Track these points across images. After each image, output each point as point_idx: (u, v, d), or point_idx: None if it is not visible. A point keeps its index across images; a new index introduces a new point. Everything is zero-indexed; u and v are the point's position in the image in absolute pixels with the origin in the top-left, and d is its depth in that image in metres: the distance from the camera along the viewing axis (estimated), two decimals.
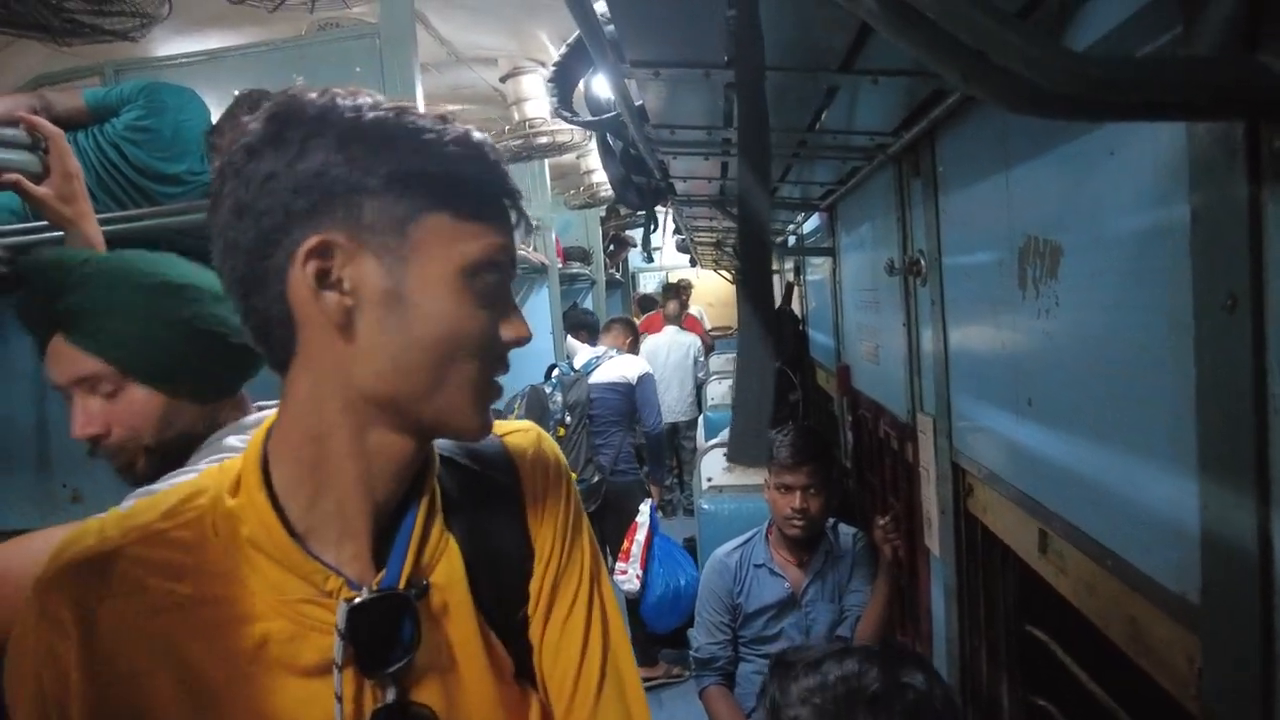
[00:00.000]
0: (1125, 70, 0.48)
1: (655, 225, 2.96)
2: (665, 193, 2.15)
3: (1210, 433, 0.61)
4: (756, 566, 2.06)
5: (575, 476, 3.24)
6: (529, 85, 3.44)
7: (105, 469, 0.94)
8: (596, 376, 3.51)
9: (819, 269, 3.05)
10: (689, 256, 6.58)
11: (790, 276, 4.23)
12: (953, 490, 1.37)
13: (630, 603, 3.29)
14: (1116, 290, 0.76)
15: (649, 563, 3.28)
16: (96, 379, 0.88)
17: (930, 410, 1.46)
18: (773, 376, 0.59)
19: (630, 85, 1.12)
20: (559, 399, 3.40)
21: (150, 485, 0.86)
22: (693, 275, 8.92)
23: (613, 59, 0.96)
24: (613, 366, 3.57)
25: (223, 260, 0.58)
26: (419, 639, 0.62)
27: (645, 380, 3.64)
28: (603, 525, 3.43)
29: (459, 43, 3.32)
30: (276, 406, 0.64)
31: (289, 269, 0.56)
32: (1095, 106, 0.51)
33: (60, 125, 1.24)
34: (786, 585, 2.02)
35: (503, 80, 3.51)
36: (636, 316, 6.88)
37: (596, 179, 4.85)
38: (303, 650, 0.60)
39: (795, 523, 1.96)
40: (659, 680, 3.50)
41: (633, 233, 7.36)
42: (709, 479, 2.91)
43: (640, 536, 3.36)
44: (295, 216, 0.55)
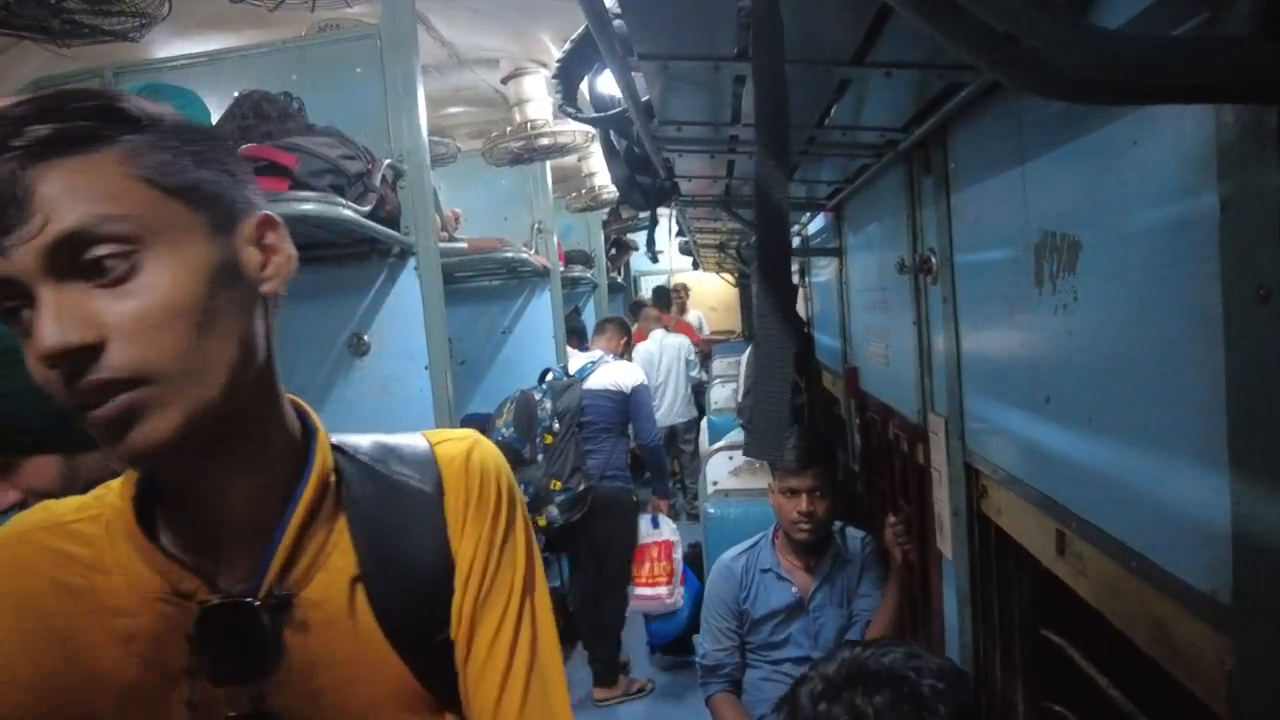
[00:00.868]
0: (1159, 52, 0.46)
1: (657, 225, 2.95)
2: (670, 193, 2.12)
3: (1242, 427, 0.60)
4: (763, 571, 2.03)
5: (560, 485, 3.16)
6: (530, 87, 3.42)
7: None
8: (590, 383, 3.41)
9: (824, 270, 3.03)
10: (692, 259, 6.57)
11: (795, 279, 4.21)
12: (966, 492, 1.35)
13: (662, 617, 3.37)
14: (1140, 284, 0.75)
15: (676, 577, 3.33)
16: None
17: (942, 411, 1.44)
18: (791, 373, 0.58)
19: (637, 80, 1.11)
20: (548, 406, 3.30)
21: None
22: (694, 279, 8.90)
23: (620, 53, 0.94)
24: (606, 373, 3.46)
25: None
26: (282, 653, 0.61)
27: (639, 391, 3.49)
28: (590, 532, 3.32)
29: (460, 44, 3.31)
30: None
31: None
32: (1127, 90, 0.50)
33: None
34: (794, 590, 2.00)
35: (504, 82, 3.49)
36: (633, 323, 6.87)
37: (598, 182, 4.83)
38: (165, 651, 0.60)
39: (802, 526, 1.94)
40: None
41: (634, 236, 7.35)
42: (714, 483, 2.89)
43: (677, 555, 3.40)
44: None
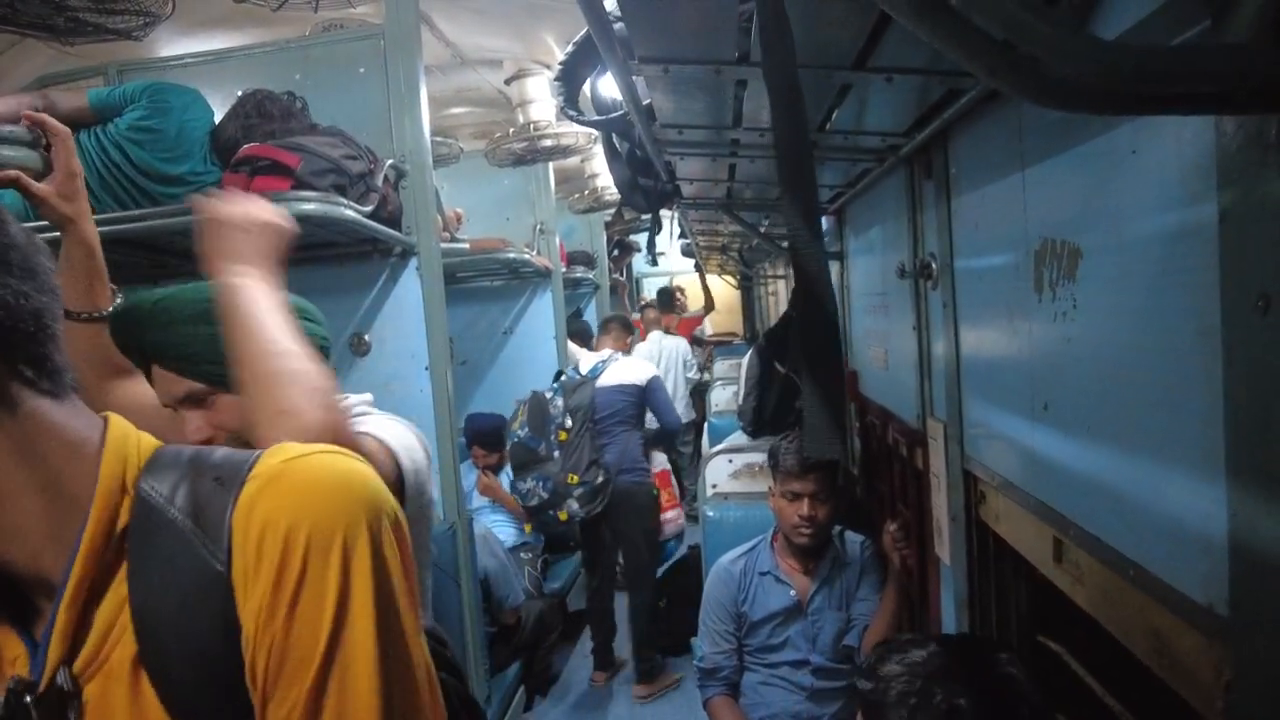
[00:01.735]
0: (1159, 61, 0.46)
1: (659, 228, 2.95)
2: (672, 195, 2.12)
3: (1240, 438, 0.59)
4: (762, 574, 2.03)
5: (577, 479, 3.20)
6: (534, 88, 3.43)
7: None
8: (602, 380, 3.51)
9: None
10: (694, 261, 6.57)
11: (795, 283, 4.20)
12: (964, 497, 1.34)
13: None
14: (1139, 292, 0.75)
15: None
16: (194, 395, 1.07)
17: (941, 416, 1.44)
18: (842, 374, 0.57)
19: (638, 84, 1.11)
20: (560, 404, 3.41)
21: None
22: (693, 281, 8.86)
23: (621, 56, 0.94)
24: (619, 370, 3.57)
25: None
26: None
27: (655, 384, 3.63)
28: (611, 525, 3.45)
29: (464, 44, 3.32)
30: None
31: None
32: (1126, 99, 0.49)
33: (63, 124, 1.23)
34: (792, 593, 1.99)
35: (507, 82, 3.50)
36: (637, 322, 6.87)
37: (601, 183, 4.83)
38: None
39: (803, 530, 1.93)
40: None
41: (637, 238, 7.34)
42: (713, 486, 2.88)
43: (674, 480, 3.87)
44: None
